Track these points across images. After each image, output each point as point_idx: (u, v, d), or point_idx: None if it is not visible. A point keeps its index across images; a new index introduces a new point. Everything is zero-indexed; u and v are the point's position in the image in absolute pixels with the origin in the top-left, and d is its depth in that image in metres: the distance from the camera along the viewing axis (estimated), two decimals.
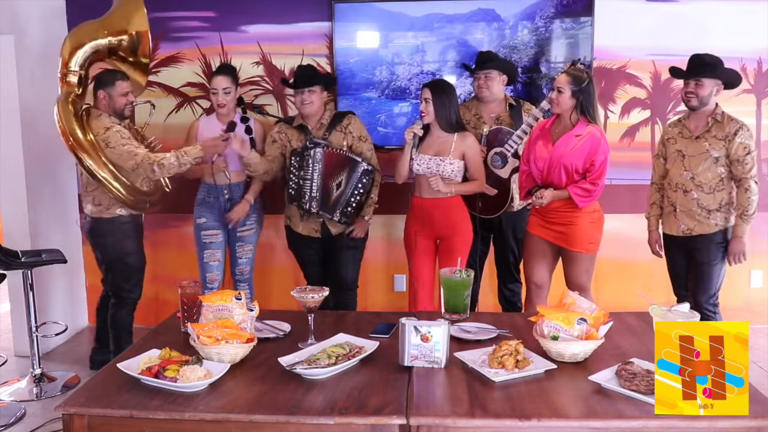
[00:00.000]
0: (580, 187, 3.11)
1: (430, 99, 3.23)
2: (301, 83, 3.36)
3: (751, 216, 3.13)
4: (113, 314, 3.61)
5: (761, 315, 4.22)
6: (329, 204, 3.37)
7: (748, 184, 3.11)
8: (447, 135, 3.28)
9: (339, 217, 3.38)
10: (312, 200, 3.33)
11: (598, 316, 2.06)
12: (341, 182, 3.37)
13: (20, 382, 3.60)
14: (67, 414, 1.77)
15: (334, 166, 3.34)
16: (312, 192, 3.32)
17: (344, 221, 3.40)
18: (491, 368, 1.91)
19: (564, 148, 3.11)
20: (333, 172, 3.34)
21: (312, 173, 3.30)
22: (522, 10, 4.03)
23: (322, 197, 3.34)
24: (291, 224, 3.54)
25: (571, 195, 3.11)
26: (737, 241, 3.18)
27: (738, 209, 3.16)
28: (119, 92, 3.41)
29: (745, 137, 3.09)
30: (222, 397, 1.81)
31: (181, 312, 2.35)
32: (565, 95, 3.08)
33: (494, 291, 4.02)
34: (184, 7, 4.25)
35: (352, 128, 3.44)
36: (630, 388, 1.76)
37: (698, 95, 3.13)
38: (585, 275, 3.25)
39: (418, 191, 3.34)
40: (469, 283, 2.43)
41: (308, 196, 3.32)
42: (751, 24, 4.07)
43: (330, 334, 2.18)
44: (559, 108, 3.12)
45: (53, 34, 4.20)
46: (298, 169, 3.34)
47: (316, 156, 3.29)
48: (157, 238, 4.45)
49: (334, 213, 3.38)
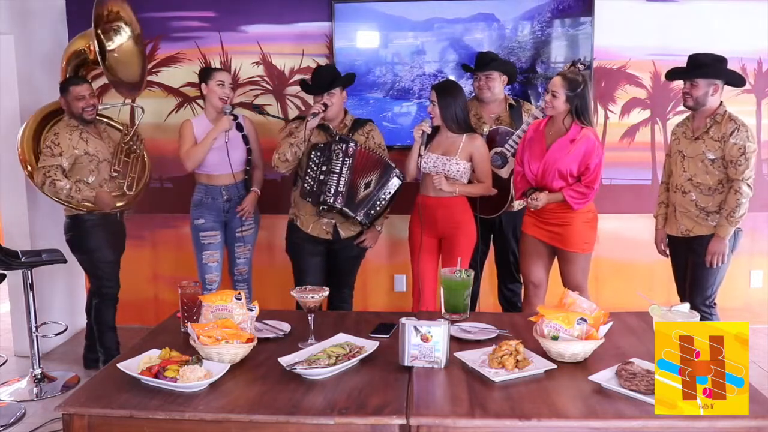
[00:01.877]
0: (575, 190, 3.12)
1: (435, 101, 3.24)
2: (322, 86, 3.32)
3: (737, 218, 3.06)
4: (95, 310, 3.73)
5: (761, 315, 4.21)
6: (355, 202, 3.31)
7: (739, 186, 3.04)
8: (455, 135, 3.29)
9: (362, 217, 3.32)
10: (338, 195, 3.24)
11: (598, 316, 2.06)
12: (371, 182, 3.33)
13: (20, 382, 3.60)
14: (67, 414, 1.77)
15: (364, 164, 3.31)
16: (339, 186, 3.24)
17: (365, 223, 3.36)
18: (491, 368, 1.91)
19: (559, 152, 3.11)
20: (363, 170, 3.31)
21: (341, 167, 3.23)
22: (521, 14, 4.04)
23: (349, 193, 3.28)
24: (299, 223, 3.45)
25: (566, 198, 3.11)
26: (718, 242, 3.11)
27: (725, 210, 3.08)
28: (73, 97, 3.52)
29: (740, 138, 3.02)
30: (222, 397, 1.81)
31: (181, 312, 2.35)
32: (559, 99, 3.07)
33: (494, 291, 4.02)
34: (184, 7, 4.25)
35: (374, 134, 3.44)
36: (630, 388, 1.76)
37: (693, 96, 3.11)
38: (581, 275, 3.26)
39: (424, 190, 3.35)
40: (469, 283, 2.43)
41: (333, 191, 3.23)
42: (751, 24, 4.07)
43: (330, 334, 2.18)
44: (554, 111, 3.12)
45: (53, 34, 4.21)
46: (321, 164, 3.27)
47: (348, 151, 3.24)
48: (156, 238, 4.45)
49: (357, 212, 3.31)
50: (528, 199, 3.19)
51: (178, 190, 4.23)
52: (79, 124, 3.56)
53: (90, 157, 3.54)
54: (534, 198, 3.15)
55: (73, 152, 3.49)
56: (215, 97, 3.51)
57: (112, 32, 3.79)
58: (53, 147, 3.47)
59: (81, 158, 3.51)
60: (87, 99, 3.53)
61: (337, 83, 3.33)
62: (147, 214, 4.29)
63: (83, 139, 3.54)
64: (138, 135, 3.78)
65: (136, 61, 3.87)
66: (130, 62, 3.85)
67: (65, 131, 3.53)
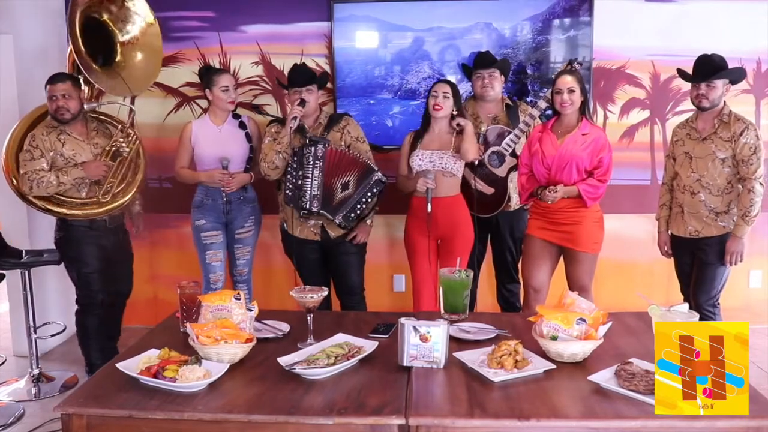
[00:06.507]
0: (589, 184, 3.14)
1: (449, 94, 3.27)
2: (298, 83, 3.34)
3: (753, 217, 3.10)
4: (75, 316, 3.60)
5: (760, 315, 4.21)
6: (332, 204, 3.31)
7: (752, 185, 3.07)
8: (448, 131, 3.31)
9: (341, 220, 3.31)
10: (313, 199, 3.25)
11: (597, 316, 2.06)
12: (348, 184, 3.32)
13: (19, 382, 3.60)
14: (65, 414, 1.77)
15: (337, 165, 3.30)
16: (312, 191, 3.25)
17: (344, 226, 3.34)
18: (490, 368, 1.91)
19: (573, 145, 3.14)
20: (336, 171, 3.30)
21: (312, 171, 3.24)
22: (520, 22, 4.05)
23: (324, 196, 3.29)
24: (288, 227, 3.48)
25: (580, 191, 3.13)
26: (736, 241, 3.15)
27: (740, 210, 3.12)
28: (47, 96, 3.35)
29: (750, 137, 3.07)
30: (221, 397, 1.81)
31: (180, 312, 2.35)
32: (576, 94, 3.13)
33: (493, 291, 4.02)
34: (183, 7, 4.24)
35: (350, 129, 3.43)
36: (629, 388, 1.76)
37: (709, 97, 3.12)
38: (587, 276, 3.26)
39: (419, 192, 3.33)
40: (469, 284, 2.43)
41: (309, 195, 3.25)
42: (750, 24, 4.07)
43: (329, 334, 2.18)
44: (572, 107, 3.15)
45: (52, 33, 4.20)
46: (297, 168, 3.28)
47: (317, 153, 3.24)
48: (155, 238, 4.44)
49: (336, 215, 3.30)
50: (545, 192, 3.17)
51: (177, 190, 4.22)
52: (58, 124, 3.36)
53: (65, 159, 3.34)
54: (552, 190, 3.14)
55: (49, 153, 3.33)
56: (222, 104, 3.53)
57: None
58: (32, 150, 3.31)
59: (56, 160, 3.34)
60: (58, 99, 3.31)
61: (315, 80, 3.36)
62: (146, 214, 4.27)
63: (60, 140, 3.35)
64: (131, 136, 3.55)
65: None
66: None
67: (41, 131, 3.35)
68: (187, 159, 3.60)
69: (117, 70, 3.59)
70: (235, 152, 3.53)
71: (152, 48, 3.71)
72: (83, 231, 3.43)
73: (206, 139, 3.56)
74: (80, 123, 3.44)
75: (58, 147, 3.35)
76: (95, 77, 3.42)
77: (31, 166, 3.31)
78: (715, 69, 3.10)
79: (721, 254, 3.18)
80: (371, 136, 3.88)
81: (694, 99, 3.19)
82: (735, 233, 3.15)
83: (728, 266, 3.20)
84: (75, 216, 3.39)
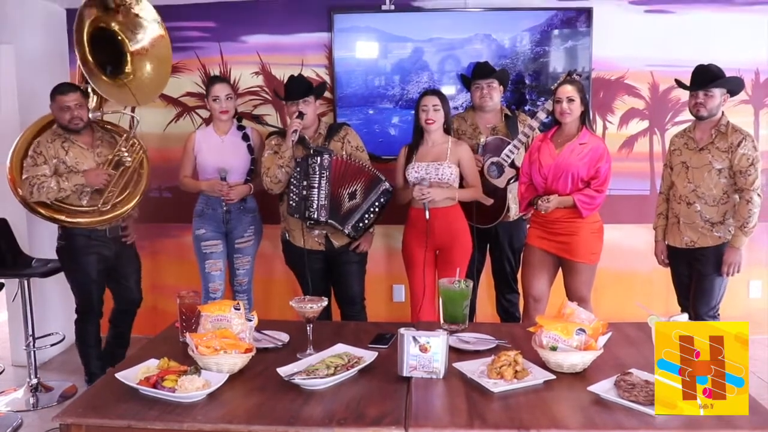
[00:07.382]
0: (584, 194, 3.13)
1: (439, 105, 3.27)
2: (294, 95, 3.34)
3: (751, 228, 3.10)
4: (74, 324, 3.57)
5: (760, 325, 4.21)
6: (340, 213, 3.30)
7: (750, 195, 3.07)
8: (442, 141, 3.32)
9: (350, 230, 3.30)
10: (321, 209, 3.24)
11: (597, 327, 2.06)
12: (355, 193, 3.31)
13: (17, 392, 3.59)
14: (64, 424, 1.77)
15: (343, 174, 3.30)
16: (320, 200, 3.24)
17: (353, 236, 3.34)
18: (490, 379, 1.91)
19: (570, 155, 3.14)
20: (343, 180, 3.30)
21: (319, 180, 3.24)
22: (520, 33, 4.07)
23: (332, 206, 3.28)
24: (291, 238, 3.46)
25: (575, 202, 3.12)
26: (734, 252, 3.14)
27: (738, 221, 3.12)
28: (57, 107, 3.33)
29: (748, 148, 3.07)
30: (220, 407, 1.80)
31: (179, 322, 2.34)
32: (576, 103, 3.14)
33: (492, 301, 4.01)
34: (184, 17, 4.26)
35: (349, 138, 3.43)
36: (629, 398, 1.76)
37: (707, 106, 3.13)
38: (586, 286, 3.25)
39: (417, 203, 3.33)
40: (468, 294, 2.43)
41: (316, 205, 3.23)
42: (748, 35, 4.09)
43: (329, 345, 2.17)
44: (572, 116, 3.16)
45: (53, 43, 4.22)
46: (302, 178, 3.27)
47: (323, 163, 3.24)
48: (155, 247, 4.45)
49: (345, 224, 3.30)
50: (539, 202, 3.19)
51: (177, 200, 4.22)
52: (63, 132, 3.36)
53: (67, 167, 3.32)
54: (545, 200, 3.16)
55: (53, 161, 3.32)
56: (215, 113, 3.57)
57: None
58: (36, 156, 3.31)
59: (58, 167, 3.32)
60: (72, 109, 3.31)
61: (312, 91, 3.35)
62: (145, 224, 4.28)
63: (64, 148, 3.34)
64: (135, 146, 3.51)
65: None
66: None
67: (46, 138, 3.35)
68: (190, 168, 3.62)
69: (125, 81, 3.57)
70: (236, 163, 3.54)
71: (161, 59, 3.66)
72: (83, 240, 3.42)
73: (208, 149, 3.58)
74: (87, 132, 3.44)
75: (61, 154, 3.35)
76: (103, 87, 3.42)
77: (33, 172, 3.31)
78: (713, 78, 3.11)
79: (718, 265, 3.18)
80: (371, 146, 3.88)
81: (691, 108, 3.20)
82: (733, 244, 3.14)
83: (725, 277, 3.21)
84: (75, 224, 3.38)
